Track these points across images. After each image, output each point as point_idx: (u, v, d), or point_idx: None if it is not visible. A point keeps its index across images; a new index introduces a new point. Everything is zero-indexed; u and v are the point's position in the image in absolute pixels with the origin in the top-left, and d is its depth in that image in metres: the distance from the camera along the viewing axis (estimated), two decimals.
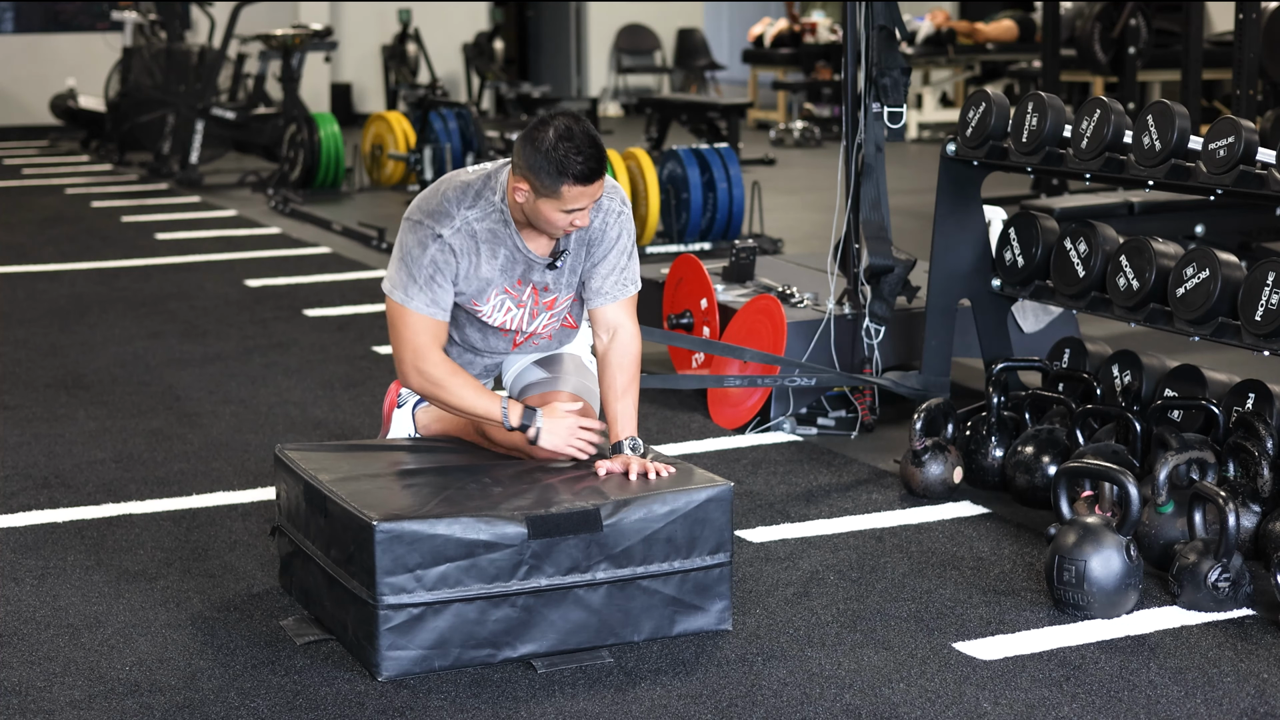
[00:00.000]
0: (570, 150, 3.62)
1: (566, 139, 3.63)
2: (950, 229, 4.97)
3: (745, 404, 5.41)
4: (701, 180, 8.97)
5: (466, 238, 3.77)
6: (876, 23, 5.29)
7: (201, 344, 6.75)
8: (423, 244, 3.76)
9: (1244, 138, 4.06)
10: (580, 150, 3.62)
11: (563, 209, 3.68)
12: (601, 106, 18.10)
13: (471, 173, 3.85)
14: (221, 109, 12.53)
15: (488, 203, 3.78)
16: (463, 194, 3.79)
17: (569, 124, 3.64)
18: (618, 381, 3.86)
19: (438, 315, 3.79)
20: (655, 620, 3.58)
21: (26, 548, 4.25)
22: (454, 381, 3.80)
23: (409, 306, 3.78)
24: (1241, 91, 7.69)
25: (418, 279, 3.76)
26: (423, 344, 3.80)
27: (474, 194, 3.79)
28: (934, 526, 4.40)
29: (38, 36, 16.43)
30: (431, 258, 3.76)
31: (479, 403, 3.80)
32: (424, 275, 3.76)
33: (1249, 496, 4.03)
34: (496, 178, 3.80)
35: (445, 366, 3.81)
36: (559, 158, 3.62)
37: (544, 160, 3.63)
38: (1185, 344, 5.42)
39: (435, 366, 3.80)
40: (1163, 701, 3.29)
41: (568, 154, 3.62)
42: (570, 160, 3.62)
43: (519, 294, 3.89)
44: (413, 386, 3.84)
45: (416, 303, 3.78)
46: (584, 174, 3.64)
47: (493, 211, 3.78)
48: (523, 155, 3.67)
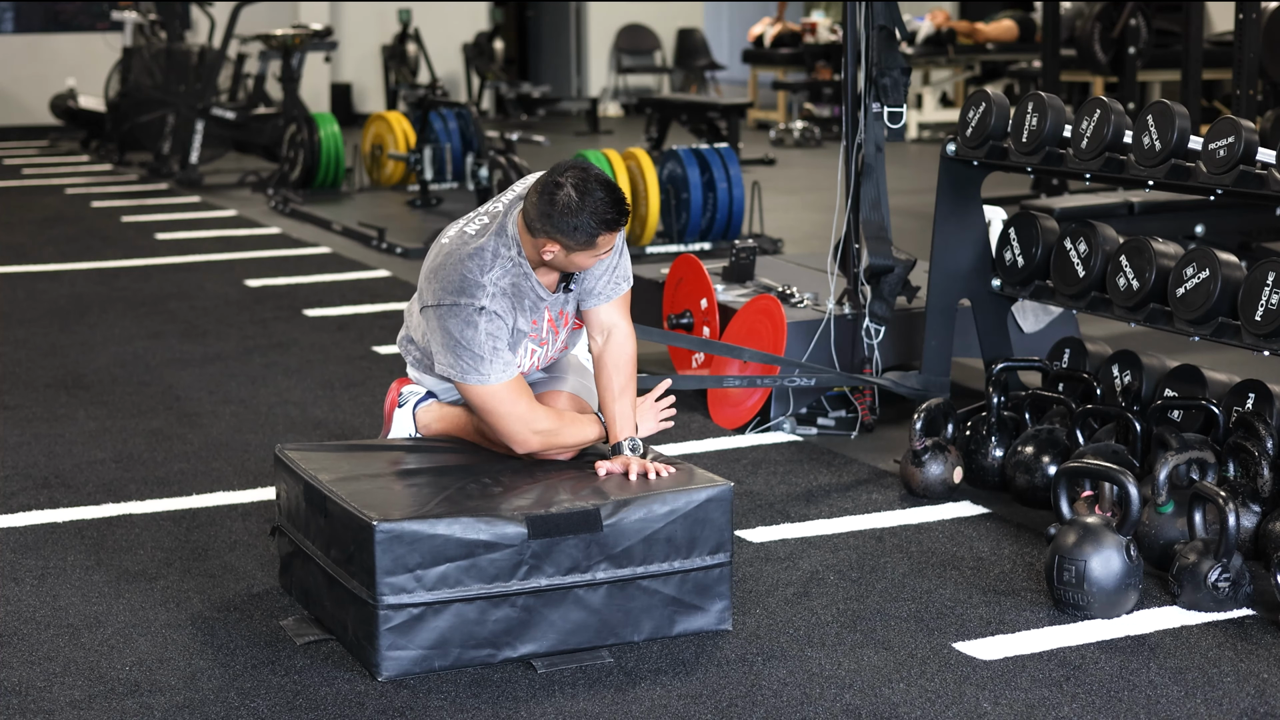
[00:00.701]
0: (597, 204, 3.65)
1: (586, 193, 3.64)
2: (950, 229, 4.97)
3: (745, 404, 5.41)
4: (701, 180, 8.97)
5: (502, 299, 3.75)
6: (876, 23, 5.29)
7: (201, 344, 6.75)
8: (471, 323, 3.71)
9: (1244, 138, 4.06)
10: (605, 199, 3.66)
11: (597, 254, 3.74)
12: (601, 106, 18.11)
13: (474, 234, 3.79)
14: (221, 109, 12.53)
15: (506, 259, 3.75)
16: (479, 261, 3.73)
17: (579, 178, 3.66)
18: (615, 382, 3.86)
19: (514, 374, 3.76)
20: (655, 620, 3.58)
21: (26, 548, 4.25)
22: (563, 424, 3.83)
23: (491, 384, 3.73)
24: (1241, 91, 7.69)
25: (484, 355, 3.71)
26: (523, 409, 3.77)
27: (491, 255, 3.74)
28: (934, 526, 4.40)
29: (38, 36, 16.43)
30: (486, 331, 3.72)
31: (590, 433, 3.86)
32: (488, 349, 3.71)
33: (1249, 496, 4.03)
34: (504, 231, 3.76)
35: (550, 416, 3.81)
36: (590, 213, 3.64)
37: (573, 221, 3.64)
38: (1185, 344, 5.42)
39: (544, 420, 3.79)
40: (1163, 701, 3.29)
41: (596, 207, 3.64)
42: (601, 213, 3.65)
43: (540, 333, 3.89)
44: (534, 448, 3.81)
45: (495, 377, 3.73)
46: (615, 221, 3.69)
47: (513, 267, 3.76)
48: (547, 221, 3.65)
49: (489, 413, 3.77)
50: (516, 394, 3.75)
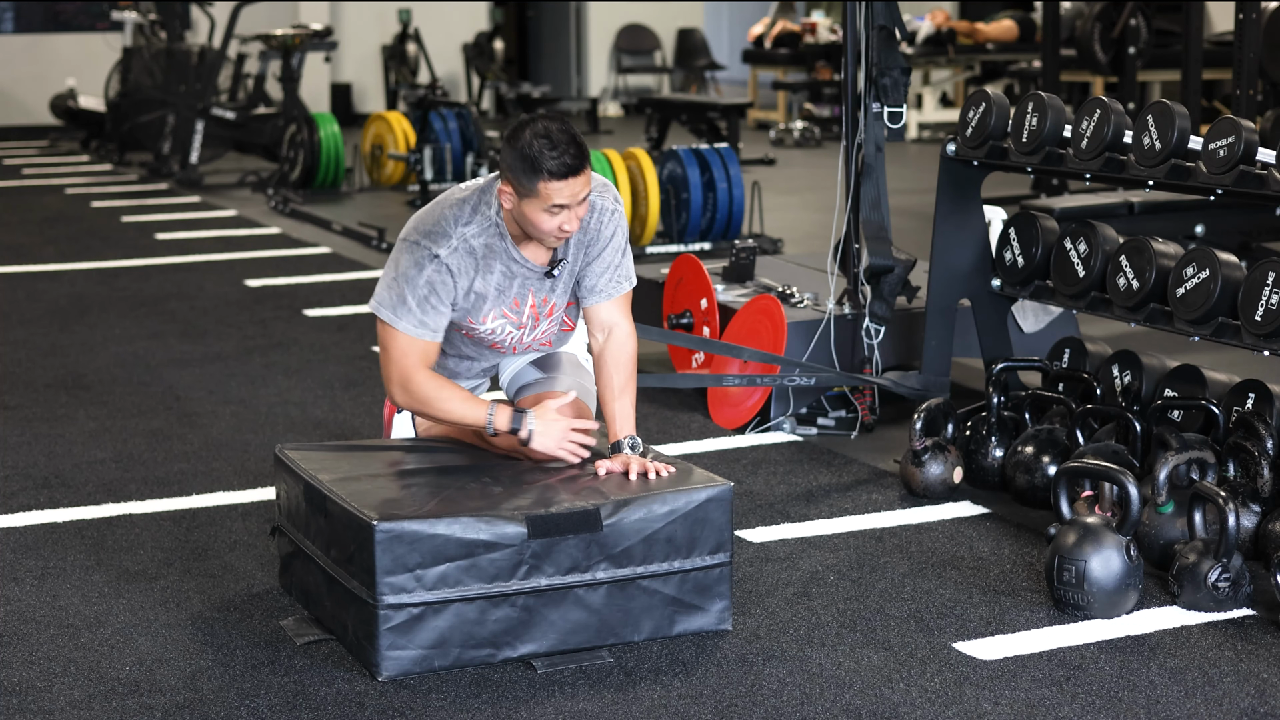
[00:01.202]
0: (545, 146, 3.59)
1: (543, 137, 3.60)
2: (950, 229, 4.97)
3: (745, 404, 5.41)
4: (701, 180, 8.97)
5: (464, 256, 3.73)
6: (876, 23, 5.29)
7: (201, 344, 6.75)
8: (419, 265, 3.71)
9: (1244, 138, 4.06)
10: (556, 146, 3.60)
11: (545, 208, 3.64)
12: (601, 106, 18.10)
13: (466, 188, 3.81)
14: (221, 109, 12.53)
15: (484, 217, 3.75)
16: (459, 210, 3.75)
17: (547, 124, 3.62)
18: (615, 381, 3.86)
19: (426, 336, 3.75)
20: (655, 620, 3.58)
21: (26, 548, 4.25)
22: (441, 395, 3.76)
23: (397, 327, 3.73)
24: (1241, 91, 7.68)
25: (409, 300, 3.71)
26: (410, 365, 3.75)
27: (470, 209, 3.75)
28: (934, 526, 4.40)
29: (38, 36, 16.43)
30: (428, 279, 3.71)
31: (467, 412, 3.76)
32: (418, 296, 3.71)
33: (1249, 496, 4.03)
34: (490, 190, 3.77)
35: (432, 383, 3.76)
36: (534, 155, 3.59)
37: (521, 159, 3.60)
38: (1185, 344, 5.42)
39: (421, 385, 3.75)
40: (1163, 701, 3.29)
41: (543, 150, 3.59)
42: (544, 156, 3.59)
43: (518, 315, 3.87)
44: (399, 404, 3.81)
45: (405, 324, 3.73)
46: (560, 169, 3.60)
47: (489, 226, 3.75)
48: (504, 159, 3.66)
49: (382, 350, 3.80)
50: (415, 351, 3.74)
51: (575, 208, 3.67)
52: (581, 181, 3.64)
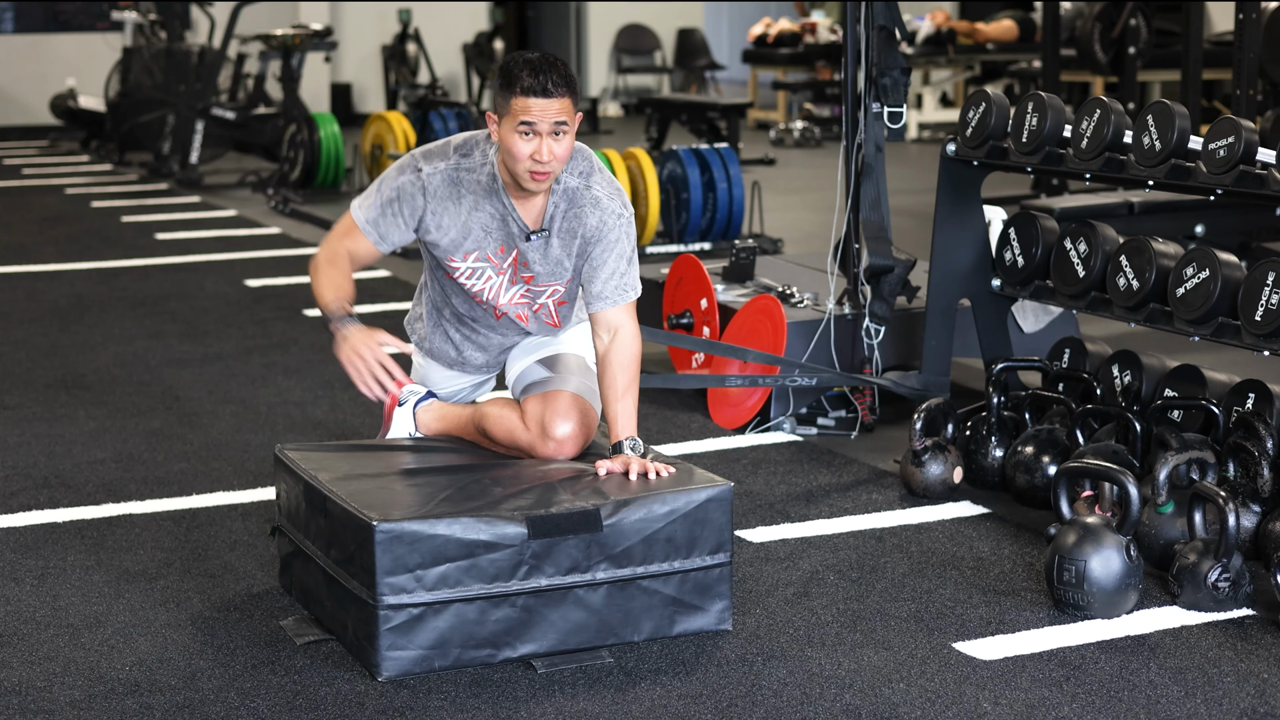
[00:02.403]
0: (525, 66, 3.67)
1: (527, 60, 3.69)
2: (950, 229, 4.97)
3: (745, 404, 5.41)
4: (701, 180, 8.97)
5: (448, 183, 3.82)
6: (876, 23, 5.29)
7: (201, 344, 6.75)
8: (400, 171, 3.85)
9: (1244, 138, 4.06)
10: (532, 65, 3.68)
11: (515, 128, 3.67)
12: (601, 106, 18.10)
13: (478, 131, 3.91)
14: (221, 109, 12.53)
15: (483, 154, 3.83)
16: (463, 142, 3.86)
17: (536, 53, 3.73)
18: (618, 382, 3.86)
19: (370, 236, 3.89)
20: (655, 620, 3.58)
21: (26, 548, 4.25)
22: (321, 273, 3.89)
23: (355, 215, 3.90)
24: (1241, 91, 7.68)
25: (375, 198, 3.86)
26: (336, 242, 3.91)
27: (473, 144, 3.86)
28: (934, 526, 4.40)
29: (38, 36, 16.43)
30: (399, 186, 3.84)
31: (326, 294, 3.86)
32: (383, 197, 3.85)
33: (1249, 496, 4.03)
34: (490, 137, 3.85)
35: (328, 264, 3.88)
36: (513, 70, 3.68)
37: (501, 76, 3.70)
38: (1185, 344, 5.42)
39: (322, 257, 3.90)
40: (1163, 701, 3.29)
41: (522, 69, 3.67)
42: (522, 73, 3.66)
43: (500, 261, 3.90)
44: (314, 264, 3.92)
45: (361, 214, 3.88)
46: (534, 87, 3.66)
47: (485, 164, 3.83)
48: (494, 89, 3.75)
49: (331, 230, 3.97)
50: (350, 235, 3.90)
51: (549, 138, 3.69)
52: (557, 107, 3.69)
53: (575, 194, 3.85)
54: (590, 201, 3.85)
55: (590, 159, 3.91)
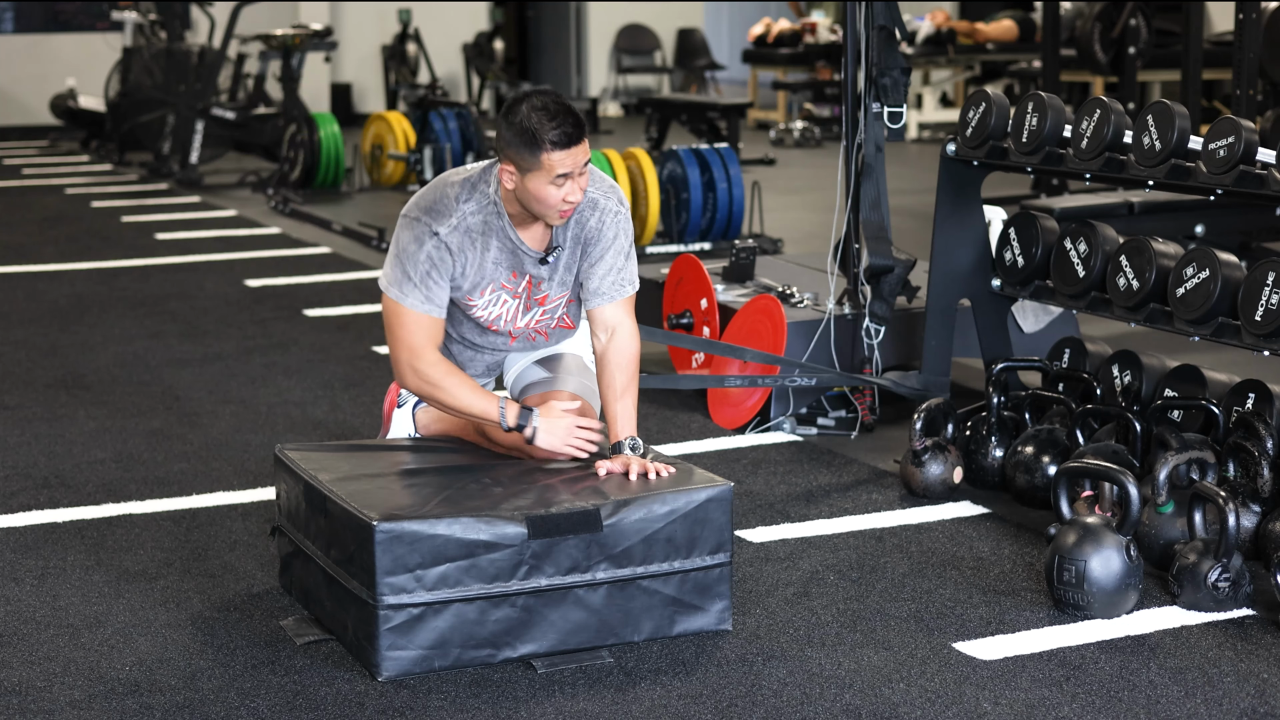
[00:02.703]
0: (544, 118, 3.64)
1: (540, 110, 3.65)
2: (950, 229, 4.97)
3: (745, 404, 5.41)
4: (701, 180, 8.97)
5: (463, 234, 3.78)
6: (876, 23, 5.29)
7: (201, 344, 6.75)
8: (419, 240, 3.76)
9: (1244, 138, 4.06)
10: (554, 116, 3.64)
11: (549, 181, 3.67)
12: (601, 106, 18.10)
13: (468, 168, 3.87)
14: (221, 109, 12.53)
15: (482, 195, 3.80)
16: (460, 189, 3.81)
17: (542, 98, 3.68)
18: (617, 381, 3.86)
19: (433, 313, 3.79)
20: (655, 620, 3.58)
21: (26, 548, 4.25)
22: (450, 381, 3.79)
23: (404, 304, 3.78)
24: (1241, 91, 7.68)
25: (413, 276, 3.76)
26: (418, 343, 3.79)
27: (470, 187, 3.81)
28: (934, 526, 4.40)
29: (38, 36, 16.43)
30: (428, 254, 3.76)
31: (476, 403, 3.79)
32: (419, 272, 3.76)
33: (1249, 496, 4.03)
34: (490, 171, 3.82)
35: (442, 366, 3.80)
36: (533, 128, 3.63)
37: (519, 134, 3.65)
38: (1185, 344, 5.42)
39: (431, 366, 3.79)
40: (1163, 701, 3.29)
41: (542, 122, 3.63)
42: (544, 128, 3.63)
43: (514, 286, 3.89)
44: (409, 387, 3.83)
45: (411, 300, 3.77)
46: (560, 139, 3.64)
47: (487, 204, 3.79)
48: (503, 138, 3.70)
49: (390, 331, 3.83)
50: (422, 328, 3.78)
51: (578, 177, 3.71)
52: (582, 150, 3.69)
53: None
54: (588, 205, 3.85)
55: None
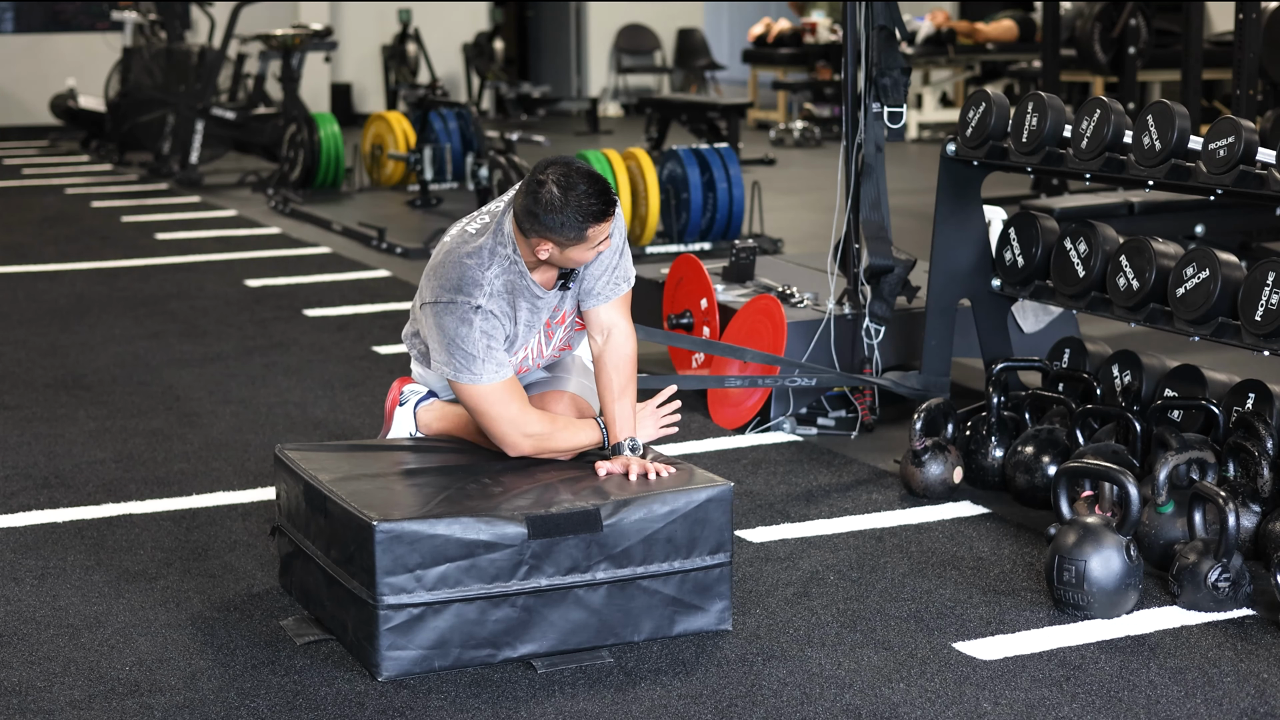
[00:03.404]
0: (581, 197, 3.63)
1: (570, 189, 3.63)
2: (950, 229, 4.97)
3: (745, 404, 5.41)
4: (701, 180, 8.97)
5: (499, 298, 3.76)
6: (876, 23, 5.29)
7: (201, 344, 6.75)
8: (466, 321, 3.72)
9: (1244, 138, 4.06)
10: (589, 192, 3.64)
11: (592, 247, 3.72)
12: (601, 106, 18.10)
13: (474, 233, 3.81)
14: (221, 109, 12.53)
15: (503, 258, 3.76)
16: (479, 258, 3.75)
17: (562, 172, 3.65)
18: (615, 382, 3.86)
19: (507, 376, 3.76)
20: (655, 620, 3.58)
21: (26, 548, 4.25)
22: (556, 428, 3.82)
23: (482, 384, 3.74)
24: (1241, 91, 7.69)
25: (477, 354, 3.72)
26: (515, 411, 3.77)
27: (488, 254, 3.76)
28: (934, 526, 4.40)
29: (38, 36, 16.43)
30: (481, 330, 3.72)
31: (584, 438, 3.84)
32: (481, 348, 3.72)
33: (1249, 496, 4.03)
34: (501, 230, 3.78)
35: (543, 420, 3.81)
36: (574, 209, 3.63)
37: (559, 218, 3.63)
38: (1185, 344, 5.42)
39: (536, 424, 3.79)
40: (1163, 701, 3.29)
41: (580, 201, 3.63)
42: (585, 206, 3.64)
43: (542, 335, 3.92)
44: (526, 451, 3.81)
45: (487, 377, 3.73)
46: (601, 212, 3.67)
47: (510, 265, 3.77)
48: (535, 221, 3.65)
49: (481, 414, 3.79)
50: (509, 395, 3.76)
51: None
52: (609, 219, 3.73)
53: None
54: None
55: None
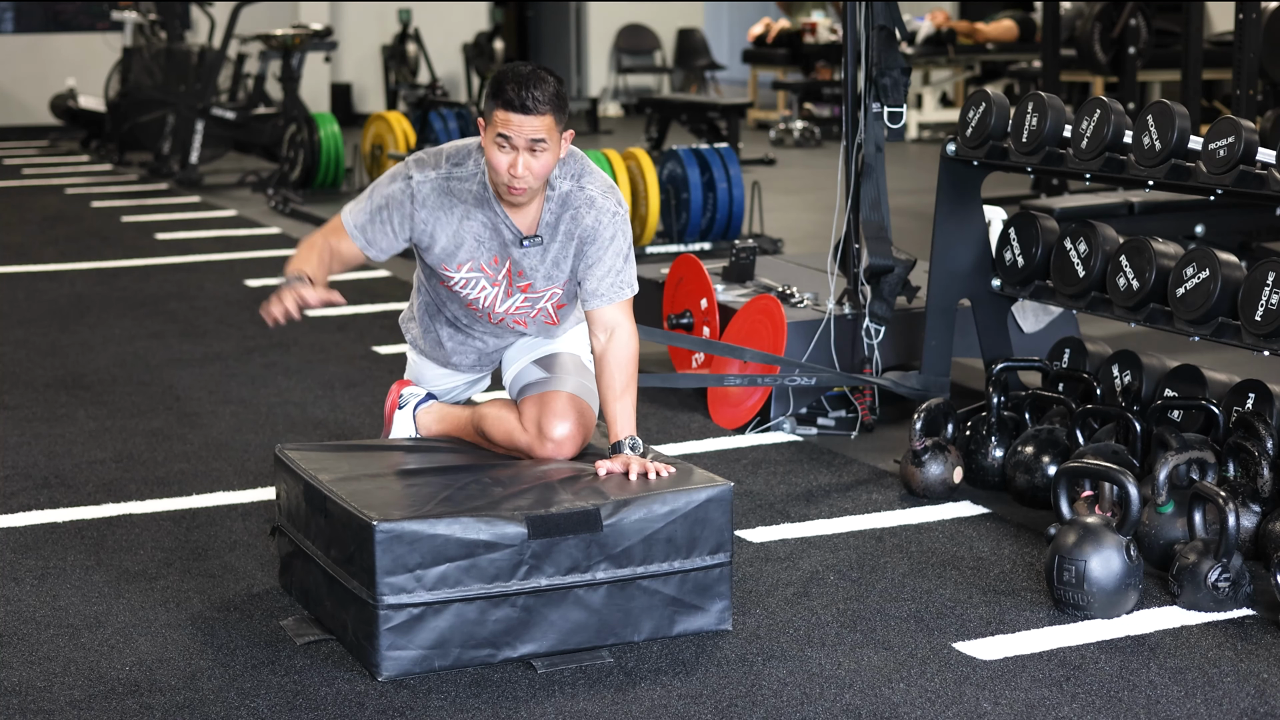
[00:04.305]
0: (511, 77, 3.64)
1: (515, 72, 3.65)
2: (950, 229, 4.97)
3: (745, 404, 5.41)
4: (701, 180, 8.97)
5: (438, 192, 3.79)
6: (876, 23, 5.29)
7: (201, 344, 6.75)
8: (392, 178, 3.83)
9: (1244, 138, 4.06)
10: (519, 79, 3.63)
11: (493, 138, 3.66)
12: (601, 106, 18.10)
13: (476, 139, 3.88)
14: (221, 109, 12.53)
15: (475, 163, 3.82)
16: (456, 151, 3.85)
17: (529, 66, 3.68)
18: (616, 381, 3.86)
19: (357, 241, 3.85)
20: (655, 620, 3.58)
21: (26, 548, 4.25)
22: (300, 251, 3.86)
23: (342, 218, 3.87)
24: (1241, 91, 7.68)
25: (366, 204, 3.84)
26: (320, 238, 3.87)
27: (466, 152, 3.84)
28: (934, 526, 4.40)
29: (38, 36, 16.43)
30: (389, 194, 3.81)
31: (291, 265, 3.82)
32: (373, 204, 3.83)
33: (1249, 496, 4.03)
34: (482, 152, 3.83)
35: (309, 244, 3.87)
36: (499, 81, 3.65)
37: (490, 84, 3.68)
38: (1185, 344, 5.42)
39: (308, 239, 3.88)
40: (1163, 701, 3.29)
41: (507, 80, 3.64)
42: (505, 85, 3.63)
43: (494, 272, 3.89)
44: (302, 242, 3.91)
45: (349, 219, 3.86)
46: (512, 100, 3.62)
47: (477, 173, 3.81)
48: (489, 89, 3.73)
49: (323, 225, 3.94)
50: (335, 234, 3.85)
51: (525, 154, 3.66)
52: (535, 124, 3.64)
53: (569, 197, 3.84)
54: (585, 202, 3.84)
55: (582, 161, 3.90)
